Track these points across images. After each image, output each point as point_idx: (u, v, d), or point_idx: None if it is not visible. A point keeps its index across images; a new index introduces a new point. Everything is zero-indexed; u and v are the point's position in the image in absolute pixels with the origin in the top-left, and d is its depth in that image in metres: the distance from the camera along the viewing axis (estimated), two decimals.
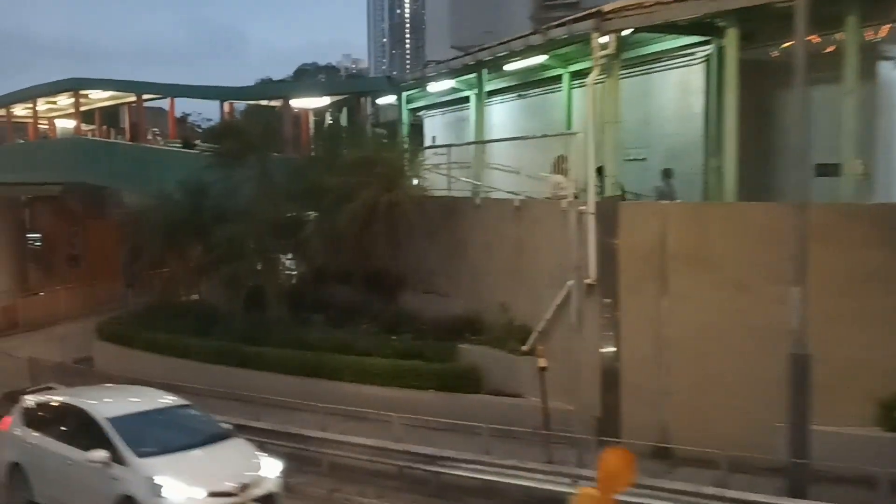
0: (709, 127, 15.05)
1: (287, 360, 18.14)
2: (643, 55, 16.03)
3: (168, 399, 12.10)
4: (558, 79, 19.02)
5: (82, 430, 10.70)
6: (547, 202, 15.04)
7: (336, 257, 19.42)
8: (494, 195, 17.43)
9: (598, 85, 13.68)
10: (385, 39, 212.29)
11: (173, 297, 22.61)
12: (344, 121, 24.62)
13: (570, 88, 18.48)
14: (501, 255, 16.18)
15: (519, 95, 21.10)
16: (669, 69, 16.33)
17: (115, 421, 10.51)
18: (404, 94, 22.40)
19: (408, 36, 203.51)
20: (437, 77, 20.93)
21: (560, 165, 14.45)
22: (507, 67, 18.39)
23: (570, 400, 13.79)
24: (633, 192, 15.26)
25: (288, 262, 20.78)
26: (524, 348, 15.09)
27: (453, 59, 19.35)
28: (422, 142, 21.03)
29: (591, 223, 13.28)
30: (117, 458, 9.98)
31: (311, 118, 26.41)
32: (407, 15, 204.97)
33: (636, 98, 16.33)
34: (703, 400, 12.77)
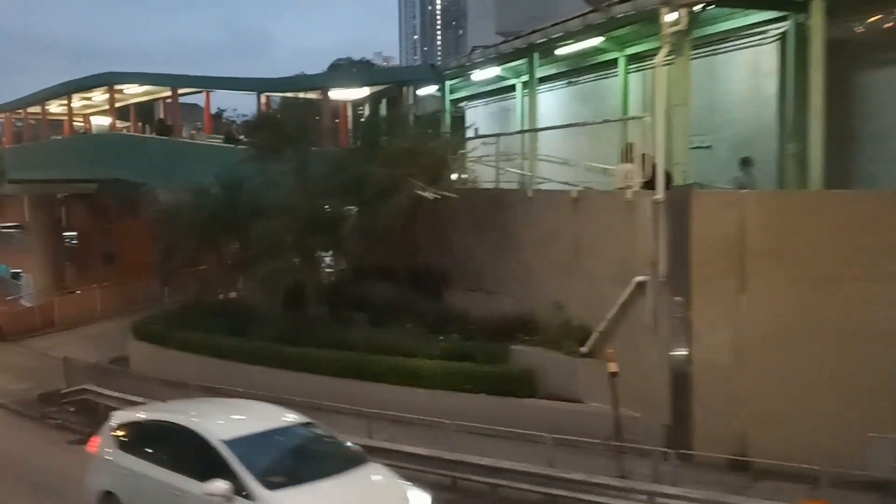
0: (783, 110, 13.88)
1: (327, 361, 17.33)
2: (708, 35, 14.91)
3: (288, 416, 10.06)
4: (613, 63, 17.96)
5: (192, 454, 8.98)
6: (608, 193, 14.02)
7: (377, 253, 18.58)
8: (546, 187, 16.43)
9: (667, 66, 12.57)
10: (416, 36, 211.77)
11: (209, 296, 21.91)
12: (383, 113, 23.75)
13: (627, 73, 17.39)
14: (556, 251, 15.17)
15: (569, 82, 20.05)
16: (737, 49, 15.20)
17: (233, 444, 8.67)
18: (447, 83, 21.46)
19: (439, 32, 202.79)
20: (483, 64, 19.96)
21: (629, 154, 13.33)
22: (559, 52, 17.41)
23: (636, 406, 12.76)
24: (697, 182, 14.15)
25: (327, 259, 19.92)
26: (583, 350, 14.09)
27: (502, 42, 18.33)
28: (463, 133, 20.04)
29: (660, 215, 12.21)
30: (241, 491, 8.20)
31: (349, 110, 25.61)
32: (438, 11, 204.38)
33: (699, 82, 15.09)
34: (785, 407, 11.66)
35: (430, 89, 23.22)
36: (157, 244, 22.48)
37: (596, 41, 16.37)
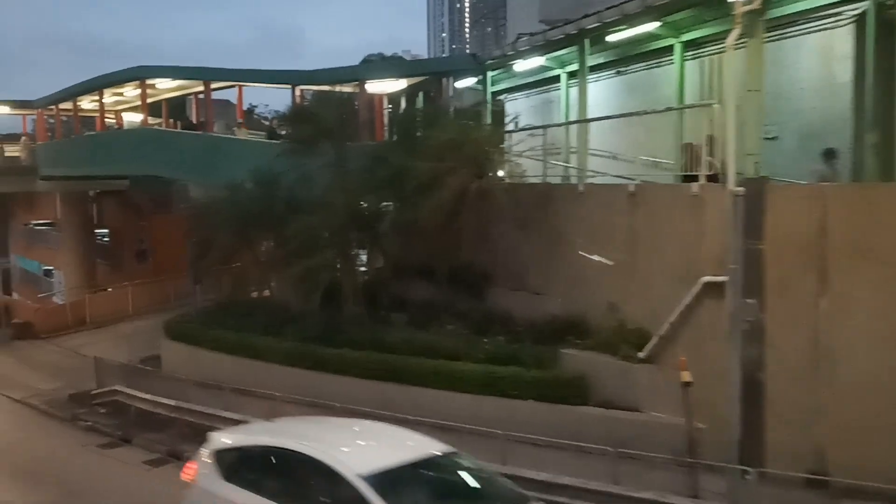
0: (860, 98, 12.83)
1: (366, 363, 16.60)
2: (775, 18, 13.87)
3: (426, 442, 8.40)
4: (667, 51, 16.98)
5: (320, 490, 7.54)
6: (671, 187, 13.10)
7: (416, 251, 17.82)
8: (596, 181, 15.52)
9: (738, 49, 11.61)
10: (444, 34, 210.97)
11: (243, 294, 21.29)
12: (420, 105, 22.98)
13: (683, 60, 16.39)
14: (610, 248, 14.27)
15: (617, 72, 19.09)
16: (806, 33, 14.15)
17: (374, 480, 7.17)
18: (489, 74, 20.59)
19: (467, 29, 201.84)
20: (527, 53, 19.07)
21: (711, 146, 12.28)
22: (610, 39, 16.48)
23: (701, 416, 11.79)
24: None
25: (364, 257, 19.18)
26: (641, 355, 13.18)
27: (550, 28, 17.44)
28: (507, 126, 19.16)
29: (730, 210, 11.26)
30: None
31: (385, 104, 24.88)
32: (467, 8, 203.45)
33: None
34: (869, 420, 10.68)
35: (467, 82, 22.39)
36: (191, 241, 21.89)
37: (651, 26, 15.42)
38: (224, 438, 9.17)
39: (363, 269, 19.02)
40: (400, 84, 23.33)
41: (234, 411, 15.83)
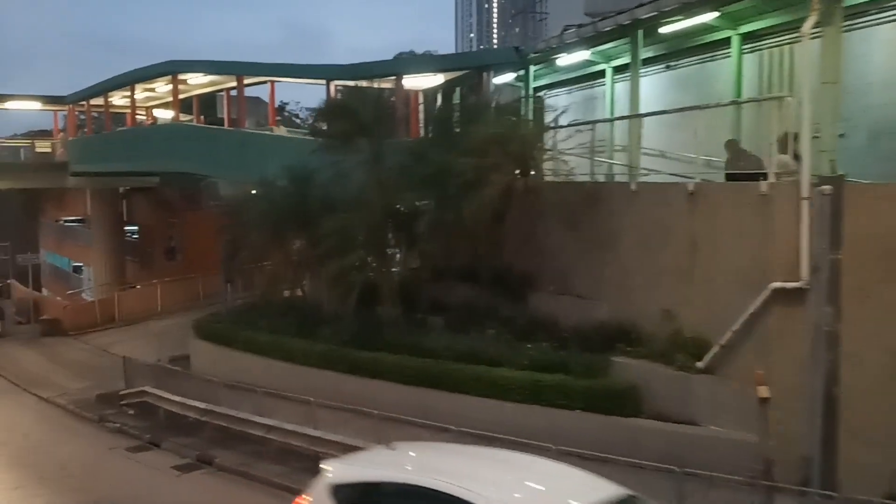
0: None
1: (404, 368, 15.94)
2: (844, 7, 12.98)
3: (605, 485, 7.13)
4: (722, 43, 16.14)
5: None
6: (736, 186, 12.24)
7: (457, 252, 17.12)
8: (647, 179, 14.72)
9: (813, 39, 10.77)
10: (472, 34, 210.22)
11: (275, 294, 20.74)
12: (458, 102, 22.27)
13: (741, 53, 15.53)
14: (665, 251, 13.46)
15: (667, 66, 18.25)
16: (877, 24, 13.24)
17: None
18: (531, 68, 19.84)
19: (495, 28, 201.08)
20: (572, 46, 18.28)
21: (785, 144, 11.41)
22: (663, 31, 15.65)
23: (767, 432, 10.99)
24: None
25: (400, 257, 18.51)
26: (700, 365, 12.35)
27: (600, 19, 16.65)
28: (553, 121, 18.38)
29: (804, 211, 10.44)
30: None
31: (420, 100, 24.21)
32: (495, 8, 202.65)
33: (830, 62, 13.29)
34: None
35: (505, 78, 21.66)
36: (222, 239, 21.39)
37: (709, 17, 14.58)
38: (344, 471, 7.78)
39: (399, 269, 18.33)
40: (436, 80, 22.68)
41: (266, 415, 15.26)
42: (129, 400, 18.80)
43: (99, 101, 34.56)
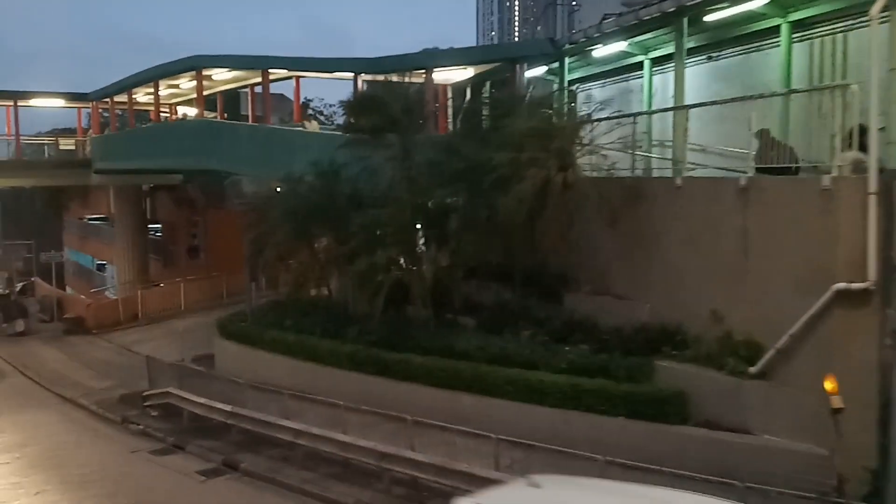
0: None
1: (435, 371, 15.38)
2: None
3: None
4: (770, 32, 15.38)
5: None
6: (793, 180, 11.52)
7: (490, 250, 16.51)
8: (694, 174, 14.01)
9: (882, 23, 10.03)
10: (493, 33, 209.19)
11: (301, 293, 20.23)
12: (487, 96, 21.63)
13: (790, 42, 14.78)
14: (713, 249, 12.76)
15: (708, 57, 17.51)
16: None
17: None
18: (566, 60, 19.15)
19: (517, 27, 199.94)
20: (611, 36, 17.60)
21: (851, 139, 10.60)
22: (708, 19, 14.95)
23: (825, 441, 10.29)
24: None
25: (430, 256, 17.89)
26: (753, 370, 11.65)
27: (643, 7, 15.94)
28: (588, 115, 17.70)
29: (872, 207, 9.71)
30: None
31: (448, 95, 23.65)
32: (517, 7, 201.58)
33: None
34: None
35: (536, 71, 21.00)
36: (247, 236, 20.92)
37: (756, 4, 13.89)
38: None
39: (428, 268, 17.71)
40: (465, 74, 22.10)
41: (293, 418, 14.73)
42: (153, 401, 18.37)
43: (122, 97, 34.27)
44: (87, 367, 23.86)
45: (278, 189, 21.48)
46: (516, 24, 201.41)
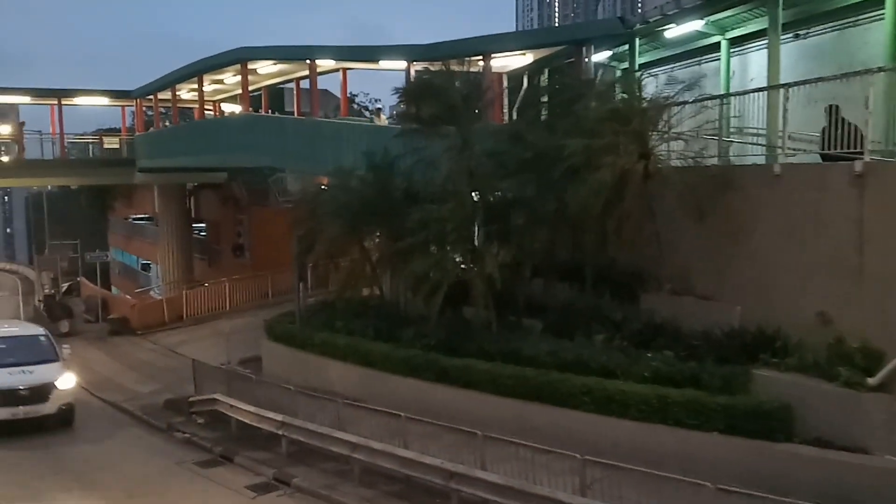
0: None
1: (499, 377, 14.20)
2: None
3: None
4: (869, 5, 13.87)
5: None
6: None
7: (557, 246, 15.28)
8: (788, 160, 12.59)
9: None
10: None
11: (352, 293, 19.20)
12: (545, 83, 20.34)
13: None
14: (820, 244, 11.38)
15: (795, 35, 16.05)
16: None
17: None
18: (636, 41, 17.74)
19: (557, 23, 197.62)
20: (686, 14, 16.20)
21: None
22: None
23: None
24: None
25: (492, 253, 16.67)
26: (872, 381, 10.25)
27: None
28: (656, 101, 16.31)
29: None
30: None
31: (504, 83, 22.41)
32: (556, 4, 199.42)
33: None
34: None
35: (599, 56, 19.62)
36: (295, 234, 19.96)
37: None
38: None
39: (490, 266, 16.50)
40: (523, 60, 20.84)
41: (348, 428, 13.63)
42: (199, 407, 17.46)
43: (166, 94, 33.72)
44: (132, 370, 23.15)
45: (326, 184, 20.56)
46: (556, 21, 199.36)
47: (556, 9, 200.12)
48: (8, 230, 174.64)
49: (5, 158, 36.40)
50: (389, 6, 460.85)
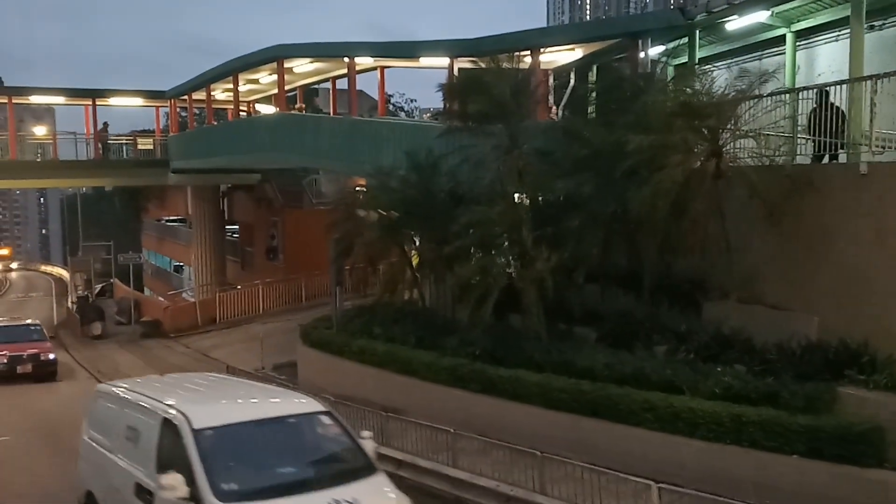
0: None
1: (552, 391, 13.26)
2: None
3: None
4: None
5: None
6: None
7: (612, 250, 14.37)
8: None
9: None
10: None
11: (393, 298, 18.44)
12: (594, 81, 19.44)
13: None
14: None
15: (870, 27, 14.94)
16: None
17: None
18: (696, 33, 16.77)
19: None
20: (750, 5, 15.20)
21: None
22: None
23: None
24: None
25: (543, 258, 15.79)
26: None
27: None
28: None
29: None
30: None
31: (551, 81, 21.51)
32: (588, 5, 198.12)
33: None
34: None
35: (652, 51, 18.67)
36: (332, 236, 19.27)
37: None
38: None
39: (540, 271, 15.62)
40: (572, 55, 19.94)
41: (392, 445, 12.81)
42: None
43: (200, 94, 33.31)
44: (163, 374, 22.53)
45: (362, 186, 19.92)
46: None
47: (588, 12, 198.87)
48: (43, 231, 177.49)
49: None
50: (413, 10, 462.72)
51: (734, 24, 16.37)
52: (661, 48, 18.78)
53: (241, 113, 33.79)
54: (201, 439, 7.29)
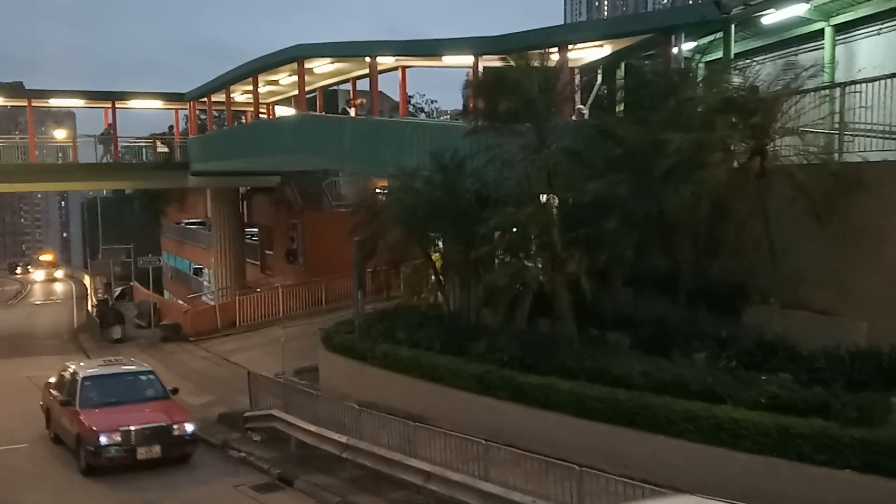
0: None
1: (586, 399, 12.75)
2: None
3: None
4: None
5: None
6: None
7: (648, 253, 13.81)
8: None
9: None
10: None
11: (418, 302, 17.98)
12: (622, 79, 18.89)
13: None
14: None
15: None
16: None
17: None
18: (732, 28, 16.17)
19: None
20: None
21: None
22: None
23: None
24: None
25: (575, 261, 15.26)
26: None
27: None
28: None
29: None
30: None
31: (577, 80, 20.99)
32: (605, 7, 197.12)
33: None
34: None
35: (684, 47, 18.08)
36: (354, 239, 18.84)
37: None
38: None
39: (572, 275, 15.09)
40: (600, 52, 19.42)
41: (419, 456, 12.34)
42: (255, 423, 16.39)
43: (220, 97, 33.05)
44: (184, 380, 22.23)
45: (383, 187, 19.49)
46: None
47: (605, 12, 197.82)
48: (64, 234, 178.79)
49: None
50: (427, 12, 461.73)
51: (771, 17, 15.77)
52: (692, 44, 18.24)
53: (260, 115, 33.51)
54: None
